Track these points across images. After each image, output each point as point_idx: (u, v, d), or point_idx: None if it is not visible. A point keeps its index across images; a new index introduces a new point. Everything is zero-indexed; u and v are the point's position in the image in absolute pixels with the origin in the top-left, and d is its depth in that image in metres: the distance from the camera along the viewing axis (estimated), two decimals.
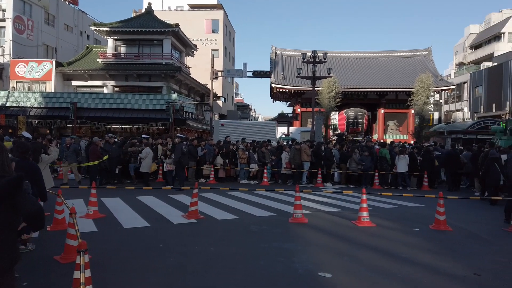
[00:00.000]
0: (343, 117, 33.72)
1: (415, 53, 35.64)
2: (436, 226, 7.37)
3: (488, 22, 48.74)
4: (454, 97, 44.54)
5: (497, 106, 35.61)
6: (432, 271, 4.92)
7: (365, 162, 13.79)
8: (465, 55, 49.42)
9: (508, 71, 34.60)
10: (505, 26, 42.03)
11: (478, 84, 39.45)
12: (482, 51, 45.41)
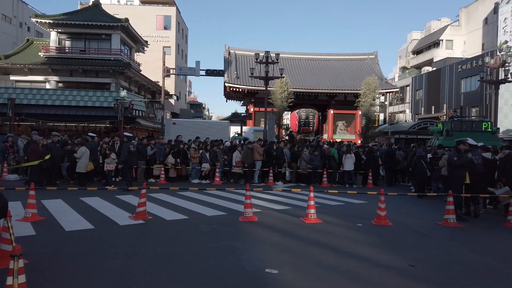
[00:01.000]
0: (295, 117, 34.48)
1: (362, 57, 37.25)
2: (378, 221, 7.79)
3: (428, 29, 52.13)
4: (398, 99, 47.17)
5: (436, 108, 38.23)
6: (372, 264, 5.20)
7: (314, 161, 14.21)
8: (407, 60, 52.50)
9: (446, 76, 37.27)
10: (443, 33, 45.20)
11: (419, 87, 42.10)
12: (423, 57, 48.50)
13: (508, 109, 27.83)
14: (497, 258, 5.67)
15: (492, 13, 37.14)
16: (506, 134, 27.29)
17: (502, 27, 30.48)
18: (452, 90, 36.14)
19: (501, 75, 24.86)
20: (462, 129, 19.34)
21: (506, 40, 29.85)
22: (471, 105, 33.54)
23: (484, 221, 8.41)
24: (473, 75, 32.30)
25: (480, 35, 40.59)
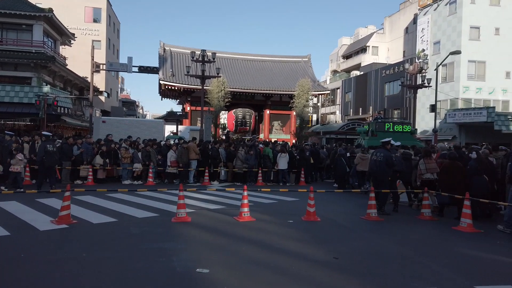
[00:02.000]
0: (232, 117, 34.65)
1: (297, 59, 38.55)
2: (307, 217, 8.14)
3: (357, 35, 55.41)
4: (329, 101, 49.53)
5: (363, 110, 40.81)
6: (299, 258, 5.43)
7: (249, 161, 14.42)
8: (338, 63, 55.33)
9: (372, 80, 39.93)
10: (369, 40, 48.33)
11: (348, 90, 44.61)
12: (352, 61, 51.45)
13: (425, 111, 30.59)
14: (410, 248, 6.23)
15: (412, 23, 40.56)
16: (423, 135, 30.00)
17: (420, 36, 33.43)
18: (377, 93, 38.83)
19: (419, 80, 27.27)
20: (386, 130, 20.86)
21: (424, 48, 32.78)
22: (393, 107, 36.35)
23: (402, 215, 9.18)
24: (395, 80, 35.03)
25: (401, 43, 44.09)
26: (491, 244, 6.56)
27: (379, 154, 9.09)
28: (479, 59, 28.86)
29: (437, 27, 31.46)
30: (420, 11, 33.90)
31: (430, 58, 31.47)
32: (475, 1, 28.89)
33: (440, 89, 27.32)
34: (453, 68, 29.42)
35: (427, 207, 8.64)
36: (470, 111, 26.50)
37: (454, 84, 29.28)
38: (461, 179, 8.50)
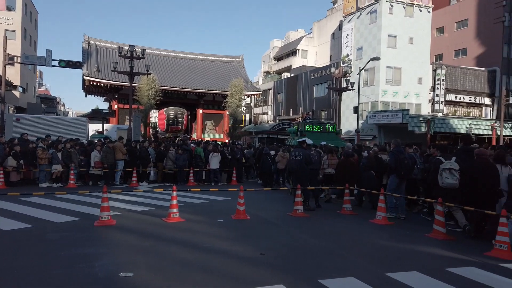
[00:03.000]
0: (163, 116, 33.71)
1: (230, 59, 38.70)
2: (237, 216, 8.25)
3: (287, 38, 57.20)
4: (262, 102, 50.50)
5: (294, 110, 42.26)
6: (228, 256, 5.50)
7: (180, 160, 14.18)
8: (270, 65, 56.65)
9: (301, 82, 41.52)
10: (299, 44, 50.20)
11: (280, 91, 45.90)
12: (283, 63, 53.01)
13: (349, 113, 32.58)
14: (331, 241, 6.63)
15: (338, 29, 42.93)
16: (347, 135, 31.92)
17: (345, 42, 35.55)
18: (306, 95, 40.49)
19: (344, 84, 29.00)
20: (313, 130, 21.83)
21: (348, 54, 34.90)
22: (321, 108, 38.18)
23: (326, 210, 9.70)
24: (323, 83, 36.83)
25: (328, 47, 46.47)
26: (401, 234, 7.23)
27: (298, 153, 9.55)
28: (395, 66, 31.47)
29: (359, 34, 33.69)
30: (345, 18, 36.02)
31: (353, 63, 33.58)
32: (393, 12, 31.46)
33: (362, 92, 29.31)
34: (373, 73, 31.74)
35: (348, 202, 9.25)
36: (388, 113, 28.80)
37: (375, 88, 31.60)
38: (353, 174, 9.89)
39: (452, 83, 32.53)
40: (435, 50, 36.79)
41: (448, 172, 6.98)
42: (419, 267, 5.14)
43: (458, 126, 28.28)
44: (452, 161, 7.28)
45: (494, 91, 33.57)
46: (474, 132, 28.09)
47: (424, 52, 32.31)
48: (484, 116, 33.74)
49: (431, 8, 32.90)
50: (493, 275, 4.93)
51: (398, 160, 8.63)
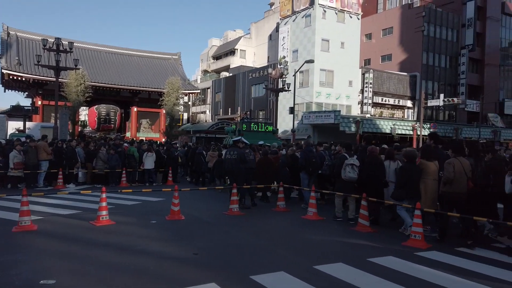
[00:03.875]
0: (94, 113, 31.91)
1: (166, 56, 37.76)
2: (172, 217, 8.11)
3: (226, 38, 57.25)
4: (200, 100, 50.02)
5: (232, 110, 42.43)
6: (160, 258, 5.39)
7: (112, 161, 13.56)
8: (208, 64, 56.28)
9: (240, 81, 41.83)
10: (237, 43, 50.52)
11: (218, 90, 45.81)
12: (222, 62, 52.98)
13: (286, 113, 33.48)
14: (264, 237, 6.79)
15: (275, 31, 43.90)
16: (283, 134, 32.80)
17: (281, 44, 36.49)
18: (245, 94, 40.88)
19: (280, 84, 29.73)
20: (251, 130, 22.11)
21: (284, 55, 35.87)
22: (259, 108, 38.80)
23: (262, 208, 9.90)
24: (261, 83, 37.41)
25: (266, 48, 47.35)
26: (330, 228, 7.62)
27: (233, 153, 9.67)
28: (328, 68, 33.00)
29: (295, 37, 34.79)
30: (282, 20, 36.95)
31: (290, 64, 34.60)
32: (326, 17, 32.93)
33: (298, 93, 30.31)
34: (308, 75, 32.97)
35: (282, 199, 9.53)
36: (321, 114, 30.12)
37: (309, 89, 32.85)
38: (271, 171, 10.51)
39: (379, 86, 34.91)
40: (364, 55, 39.19)
41: (350, 167, 7.91)
42: (344, 258, 5.47)
43: (384, 126, 30.42)
44: (354, 157, 8.23)
45: (415, 94, 36.62)
46: (398, 132, 30.43)
47: (354, 56, 34.27)
48: (406, 117, 36.67)
49: (360, 15, 34.99)
50: (408, 262, 5.40)
51: (307, 159, 9.62)
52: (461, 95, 37.85)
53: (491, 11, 40.42)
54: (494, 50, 41.41)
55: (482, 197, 6.57)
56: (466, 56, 38.57)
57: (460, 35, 39.01)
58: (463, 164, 6.46)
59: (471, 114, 39.58)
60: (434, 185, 6.91)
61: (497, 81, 41.86)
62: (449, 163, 6.46)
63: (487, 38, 40.46)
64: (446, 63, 38.92)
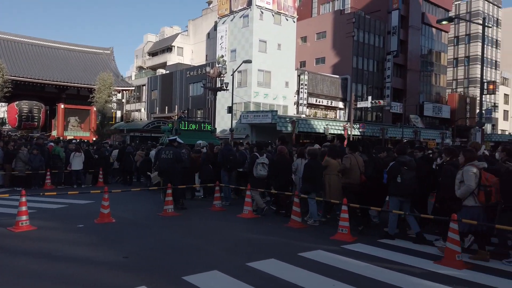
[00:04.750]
0: (14, 110, 29.26)
1: (98, 51, 35.79)
2: (101, 220, 7.72)
3: (162, 34, 55.75)
4: (135, 98, 48.12)
5: (169, 108, 41.43)
6: (87, 263, 5.11)
7: (34, 162, 12.54)
8: (144, 60, 54.37)
9: (177, 79, 40.98)
10: (175, 40, 49.44)
11: (154, 88, 44.44)
12: (158, 59, 51.49)
13: (224, 112, 33.43)
14: (200, 237, 6.75)
15: (213, 30, 43.65)
16: (222, 133, 32.79)
17: (220, 43, 36.41)
18: (182, 93, 40.14)
19: (219, 84, 29.68)
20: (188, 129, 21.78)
21: (223, 54, 35.82)
22: (197, 107, 38.35)
23: (198, 208, 9.80)
24: (199, 81, 37.02)
25: (204, 46, 46.91)
26: (264, 226, 7.78)
27: (168, 152, 9.47)
28: (266, 69, 33.60)
29: (233, 37, 34.92)
30: (219, 19, 36.87)
31: (228, 64, 34.64)
32: (263, 18, 33.48)
33: (236, 93, 30.46)
34: (246, 75, 33.28)
35: (218, 199, 9.52)
36: (259, 114, 30.60)
37: (247, 89, 33.19)
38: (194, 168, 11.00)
39: (313, 88, 36.31)
40: (300, 57, 40.53)
41: (261, 165, 8.74)
42: (276, 254, 5.63)
43: (318, 126, 31.75)
44: (264, 156, 8.99)
45: (346, 96, 38.67)
46: (330, 132, 31.95)
47: (290, 58, 35.29)
48: (338, 117, 38.61)
49: (296, 18, 36.11)
50: (336, 255, 5.71)
51: (225, 156, 10.04)
52: (387, 98, 40.73)
53: (413, 20, 43.99)
54: (415, 56, 45.13)
55: (372, 189, 7.39)
56: (391, 62, 41.58)
57: (386, 41, 41.95)
58: (357, 160, 7.50)
59: (395, 115, 42.75)
60: (338, 180, 7.70)
61: (418, 85, 45.69)
62: (346, 157, 7.50)
63: (409, 45, 43.96)
64: (374, 67, 41.63)
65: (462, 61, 59.29)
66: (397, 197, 6.66)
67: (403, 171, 6.56)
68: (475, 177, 5.49)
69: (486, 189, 5.43)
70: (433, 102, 47.68)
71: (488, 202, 5.47)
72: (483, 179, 5.49)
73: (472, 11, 56.81)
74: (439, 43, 49.65)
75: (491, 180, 5.52)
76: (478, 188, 5.47)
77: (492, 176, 5.58)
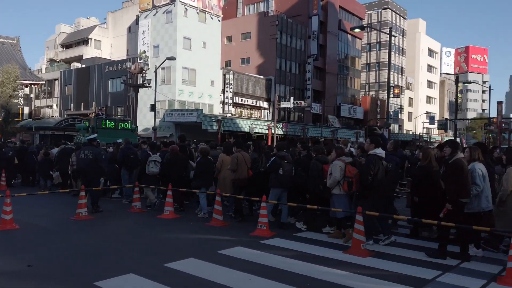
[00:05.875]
0: None
1: (1, 40, 32.19)
2: (3, 227, 6.98)
3: (78, 25, 51.93)
4: (46, 93, 44.16)
5: (85, 105, 38.77)
6: None
7: None
8: (56, 52, 50.11)
9: (94, 74, 38.49)
10: (92, 33, 46.40)
11: (68, 82, 41.21)
12: (73, 52, 47.86)
13: (147, 110, 32.24)
14: (116, 241, 6.47)
15: (134, 23, 41.79)
16: (144, 132, 31.63)
17: (142, 38, 35.00)
18: (100, 88, 37.81)
19: (140, 80, 28.51)
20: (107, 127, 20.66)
21: (145, 50, 34.50)
22: (117, 104, 36.44)
23: (115, 210, 9.35)
24: (119, 77, 35.08)
25: (125, 41, 44.69)
26: (185, 226, 7.71)
27: (87, 152, 8.99)
28: (191, 67, 33.16)
29: (156, 32, 33.84)
30: (141, 13, 35.46)
31: (151, 60, 33.43)
32: (187, 15, 32.98)
33: (160, 90, 29.60)
34: (170, 72, 32.50)
35: (137, 200, 9.19)
36: (184, 112, 30.11)
37: (172, 87, 32.42)
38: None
39: (239, 87, 36.76)
40: (225, 56, 40.70)
41: (153, 163, 9.06)
42: (196, 253, 5.63)
43: (243, 125, 32.23)
44: (157, 155, 9.35)
45: (270, 96, 39.81)
46: (255, 131, 32.63)
47: (215, 57, 35.26)
48: (263, 117, 39.60)
49: (221, 17, 36.20)
50: (254, 251, 5.89)
51: (125, 155, 10.22)
52: (308, 99, 42.82)
53: (331, 26, 46.81)
54: (333, 60, 48.09)
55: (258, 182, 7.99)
56: (311, 64, 43.79)
57: (307, 45, 44.04)
58: (244, 157, 8.05)
59: (315, 116, 45.14)
60: (231, 175, 8.18)
61: (335, 88, 48.77)
62: (234, 157, 8.00)
63: (327, 49, 46.70)
64: (296, 69, 43.47)
65: (374, 66, 64.73)
66: (278, 188, 7.44)
67: (284, 164, 7.38)
68: (341, 170, 6.42)
69: (349, 180, 6.37)
70: (349, 104, 51.31)
71: (350, 191, 6.45)
72: (347, 172, 6.40)
73: (382, 21, 62.27)
74: (354, 49, 53.53)
75: (353, 172, 6.45)
76: (344, 179, 6.38)
77: (354, 168, 6.54)
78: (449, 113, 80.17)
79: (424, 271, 5.07)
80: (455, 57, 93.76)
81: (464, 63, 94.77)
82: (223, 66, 39.03)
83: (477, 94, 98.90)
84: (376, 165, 6.24)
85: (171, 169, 9.00)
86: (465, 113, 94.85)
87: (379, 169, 6.24)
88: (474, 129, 70.31)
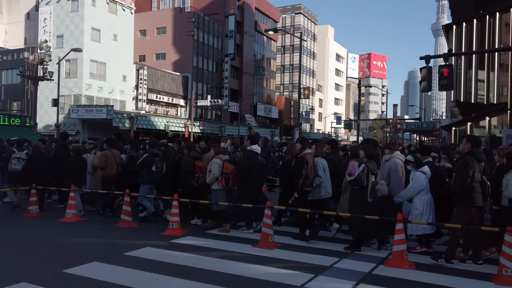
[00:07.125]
0: None
1: None
2: None
3: None
4: None
5: None
6: None
7: None
8: None
9: None
10: None
11: None
12: None
13: (48, 105, 29.43)
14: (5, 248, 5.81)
15: (34, 10, 37.79)
16: (46, 129, 28.87)
17: (42, 26, 31.78)
18: None
19: (41, 72, 25.91)
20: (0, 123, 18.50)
21: (46, 39, 31.40)
22: (13, 98, 32.69)
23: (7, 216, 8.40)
24: (15, 68, 31.48)
25: (22, 28, 40.13)
26: (90, 229, 7.24)
27: None
28: (100, 60, 31.06)
29: (60, 21, 31.04)
30: None
31: (53, 50, 30.58)
32: (96, 5, 30.82)
33: (64, 84, 27.22)
34: (76, 65, 30.07)
35: (35, 203, 8.37)
36: (92, 108, 28.14)
37: (78, 81, 30.04)
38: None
39: (154, 84, 35.51)
40: (139, 50, 38.98)
41: (16, 160, 8.85)
42: (100, 257, 5.34)
43: (158, 123, 31.25)
44: (23, 152, 9.11)
45: (187, 94, 39.18)
46: (172, 129, 31.87)
47: (128, 50, 33.55)
48: (179, 115, 38.85)
49: (133, 9, 34.56)
50: (164, 250, 5.78)
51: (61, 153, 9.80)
52: (225, 98, 43.13)
53: (247, 27, 47.69)
54: (249, 60, 49.07)
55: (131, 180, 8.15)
56: (228, 64, 44.14)
57: (224, 44, 44.28)
58: (114, 155, 8.29)
59: (232, 114, 45.64)
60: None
61: (252, 87, 49.86)
62: (102, 155, 8.29)
63: (244, 49, 47.50)
64: (213, 68, 43.46)
65: (288, 68, 67.64)
66: (150, 184, 7.73)
67: (156, 161, 7.70)
68: (219, 167, 6.96)
69: (226, 176, 6.93)
70: (265, 104, 52.89)
71: (227, 186, 6.98)
72: (225, 168, 6.94)
73: (295, 25, 65.36)
74: (269, 51, 55.31)
75: (230, 169, 6.97)
76: (222, 175, 6.93)
77: (231, 165, 7.05)
78: (354, 114, 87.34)
79: (324, 259, 5.48)
80: (359, 63, 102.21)
81: (367, 68, 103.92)
82: (137, 60, 37.35)
83: (378, 97, 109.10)
84: (254, 160, 6.94)
85: (34, 166, 8.68)
86: (368, 114, 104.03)
87: (256, 163, 6.96)
88: (375, 129, 77.79)
